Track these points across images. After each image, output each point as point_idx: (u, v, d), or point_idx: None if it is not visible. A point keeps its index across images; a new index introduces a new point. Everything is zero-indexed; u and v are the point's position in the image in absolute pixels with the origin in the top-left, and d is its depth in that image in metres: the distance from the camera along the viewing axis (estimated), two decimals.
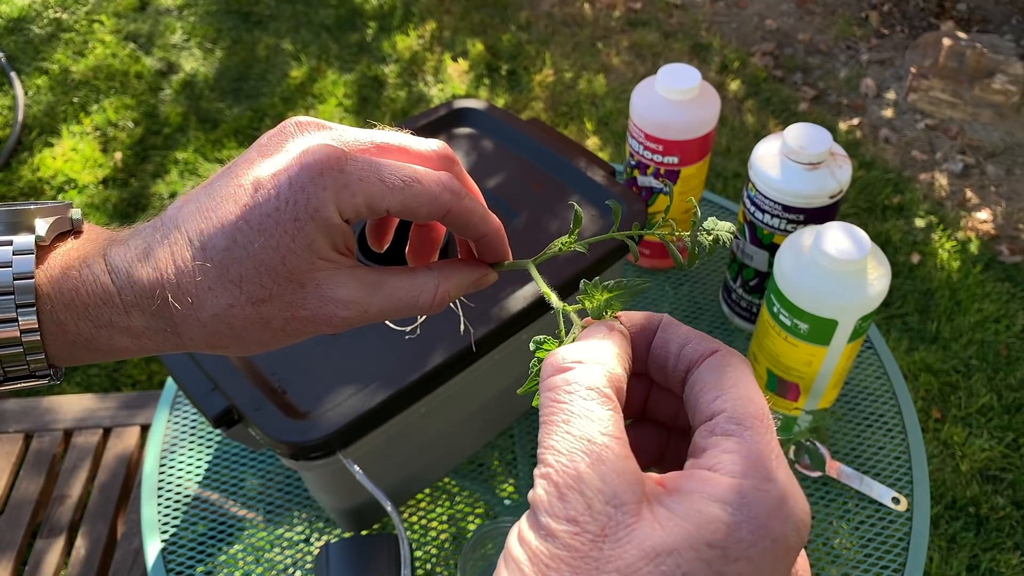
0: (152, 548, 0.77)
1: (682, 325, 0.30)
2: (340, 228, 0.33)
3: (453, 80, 2.53)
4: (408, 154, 0.35)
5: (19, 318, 0.31)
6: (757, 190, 0.78)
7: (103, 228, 0.35)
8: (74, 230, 0.34)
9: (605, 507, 0.23)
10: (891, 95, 2.53)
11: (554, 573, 0.22)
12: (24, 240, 0.32)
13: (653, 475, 0.25)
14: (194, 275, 0.31)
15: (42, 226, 0.33)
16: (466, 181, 0.38)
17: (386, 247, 0.42)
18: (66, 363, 0.34)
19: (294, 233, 0.31)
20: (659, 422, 0.32)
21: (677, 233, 0.35)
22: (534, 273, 0.36)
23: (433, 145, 0.36)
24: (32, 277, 0.31)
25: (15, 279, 0.31)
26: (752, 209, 0.80)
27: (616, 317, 0.30)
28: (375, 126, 0.36)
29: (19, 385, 0.33)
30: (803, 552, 0.27)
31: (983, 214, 2.15)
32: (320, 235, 0.32)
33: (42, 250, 0.32)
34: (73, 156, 2.25)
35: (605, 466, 0.23)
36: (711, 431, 0.25)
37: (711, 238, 0.34)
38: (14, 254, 0.31)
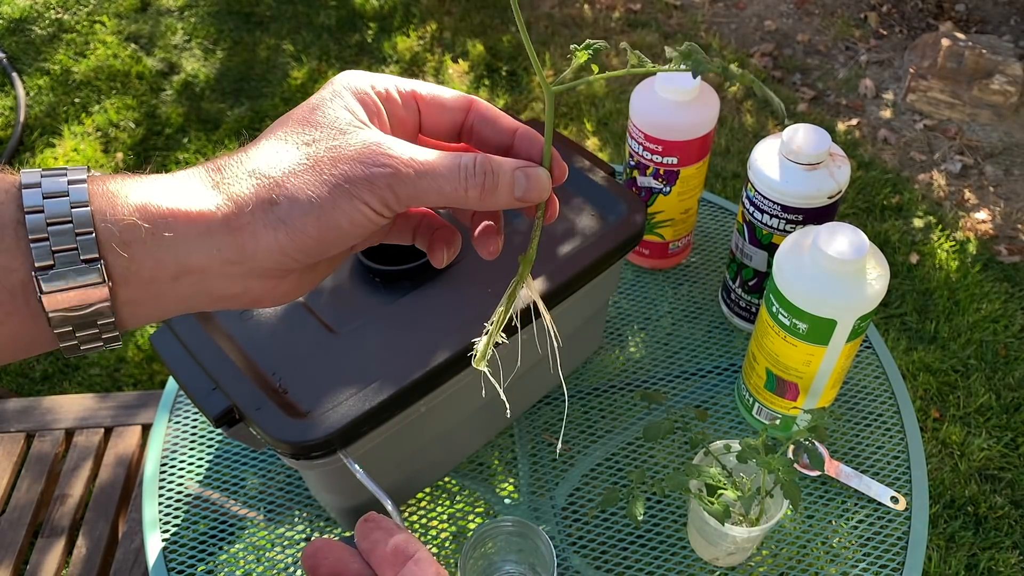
0: (153, 547, 0.77)
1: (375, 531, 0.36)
2: (376, 106, 0.35)
3: (453, 81, 2.53)
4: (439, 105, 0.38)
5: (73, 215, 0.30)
6: (756, 190, 0.78)
7: None
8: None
9: None
10: (890, 96, 2.53)
11: None
12: (77, 172, 0.31)
13: None
14: (245, 148, 0.34)
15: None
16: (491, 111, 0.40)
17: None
18: (129, 275, 0.31)
19: (335, 105, 0.35)
20: None
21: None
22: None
23: (457, 95, 0.38)
24: (86, 205, 0.30)
25: (72, 207, 0.30)
26: (751, 209, 0.80)
27: None
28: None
29: (80, 315, 0.31)
30: None
31: (981, 214, 2.16)
32: (359, 105, 0.35)
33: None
34: (75, 156, 2.25)
35: None
36: None
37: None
38: (69, 183, 0.31)
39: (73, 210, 0.30)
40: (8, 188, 0.30)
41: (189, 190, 0.32)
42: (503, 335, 0.36)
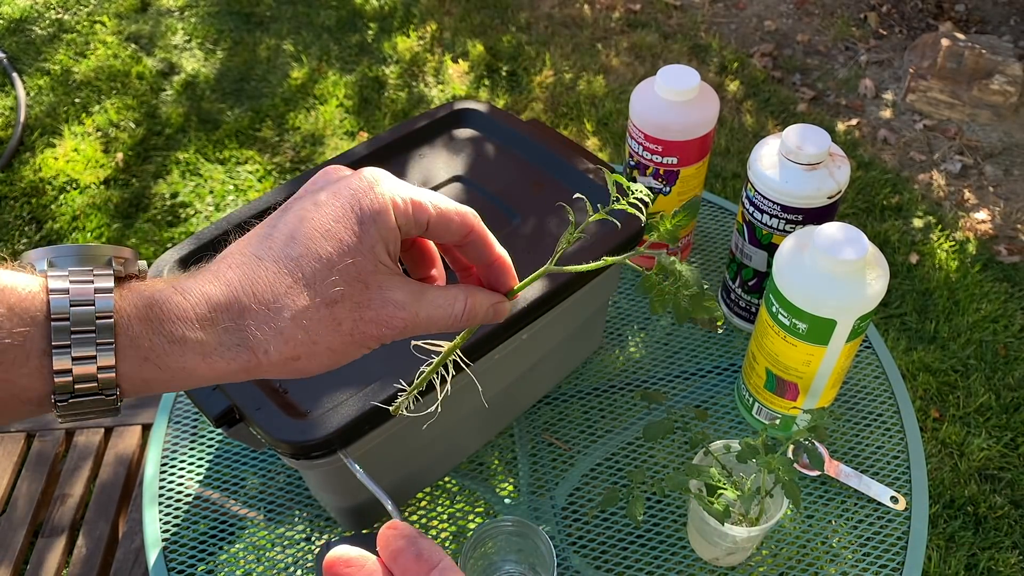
0: (153, 547, 0.77)
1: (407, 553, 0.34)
2: (395, 233, 0.36)
3: (453, 81, 2.53)
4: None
5: (98, 355, 0.32)
6: (756, 190, 0.78)
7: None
8: (140, 276, 0.36)
9: None
10: (889, 96, 2.53)
11: None
12: (104, 279, 0.33)
13: None
14: (271, 283, 0.34)
15: (116, 266, 0.34)
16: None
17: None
18: (136, 390, 0.34)
19: (360, 235, 0.35)
20: None
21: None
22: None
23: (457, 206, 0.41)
24: (111, 316, 0.32)
25: (97, 318, 0.32)
26: (751, 209, 0.80)
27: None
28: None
29: (84, 416, 0.34)
30: None
31: (981, 214, 2.16)
32: (380, 238, 0.35)
33: (116, 282, 0.33)
34: (75, 157, 2.25)
35: None
36: None
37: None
38: (96, 292, 0.32)
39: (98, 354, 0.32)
40: (35, 314, 0.32)
41: (209, 344, 0.33)
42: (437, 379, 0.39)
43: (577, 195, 0.38)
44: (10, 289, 0.31)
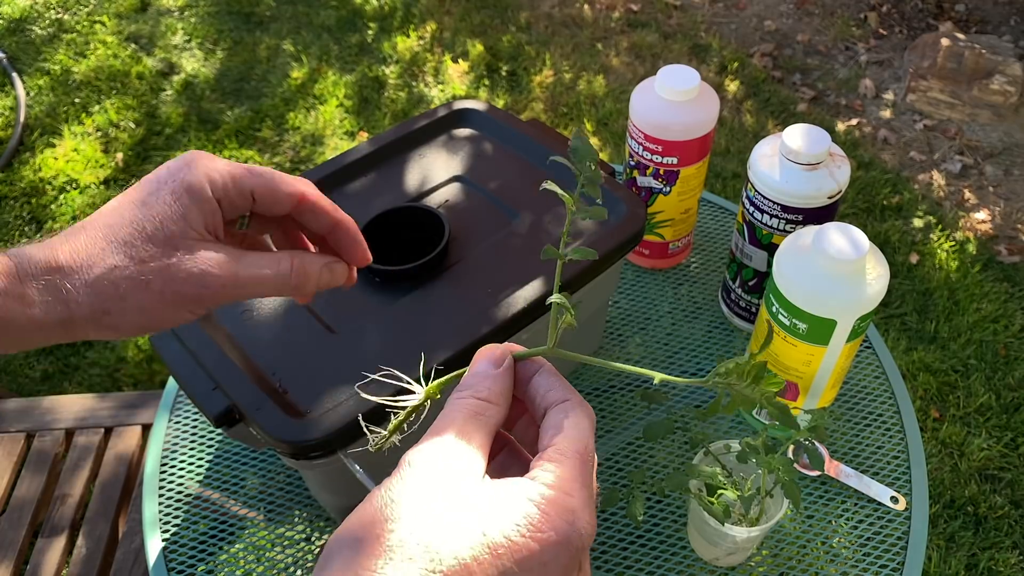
0: (153, 547, 0.77)
1: (555, 374, 0.36)
2: (211, 205, 0.40)
3: (453, 81, 2.53)
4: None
5: None
6: (756, 190, 0.78)
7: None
8: None
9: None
10: (890, 96, 2.53)
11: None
12: None
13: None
14: (87, 246, 0.38)
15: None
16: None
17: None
18: None
19: (171, 203, 0.39)
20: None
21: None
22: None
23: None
24: None
25: None
26: (751, 209, 0.80)
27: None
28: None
29: None
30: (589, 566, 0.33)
31: (981, 214, 2.16)
32: (194, 207, 0.39)
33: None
34: (75, 156, 2.25)
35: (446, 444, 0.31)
36: (541, 458, 0.32)
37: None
38: None
39: None
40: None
41: (28, 297, 0.38)
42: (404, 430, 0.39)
43: (544, 185, 0.38)
44: None
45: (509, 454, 0.37)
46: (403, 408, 0.38)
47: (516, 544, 0.28)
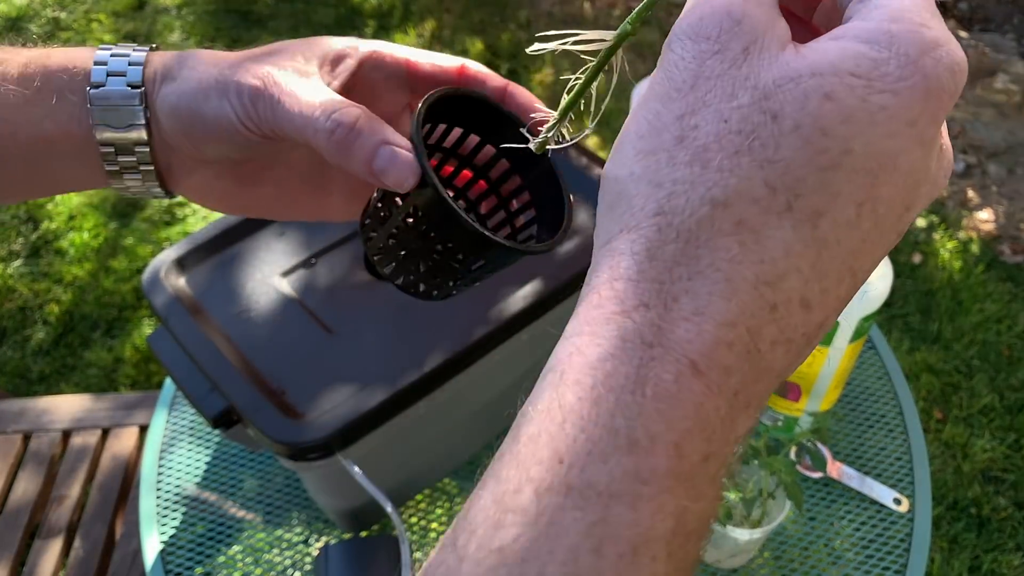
0: (151, 549, 0.76)
1: None
2: (332, 52, 0.37)
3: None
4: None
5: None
6: None
7: None
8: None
9: (753, 29, 0.23)
10: None
11: (703, 81, 0.24)
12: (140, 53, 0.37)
13: None
14: (208, 57, 0.36)
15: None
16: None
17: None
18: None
19: (290, 44, 0.37)
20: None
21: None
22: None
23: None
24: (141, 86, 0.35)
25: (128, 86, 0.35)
26: None
27: None
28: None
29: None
30: (947, 138, 0.26)
31: (985, 214, 2.15)
32: (313, 50, 0.37)
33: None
34: None
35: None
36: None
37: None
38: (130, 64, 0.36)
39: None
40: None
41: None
42: (568, 127, 0.32)
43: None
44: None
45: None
46: (591, 54, 0.28)
47: (867, 99, 0.21)
